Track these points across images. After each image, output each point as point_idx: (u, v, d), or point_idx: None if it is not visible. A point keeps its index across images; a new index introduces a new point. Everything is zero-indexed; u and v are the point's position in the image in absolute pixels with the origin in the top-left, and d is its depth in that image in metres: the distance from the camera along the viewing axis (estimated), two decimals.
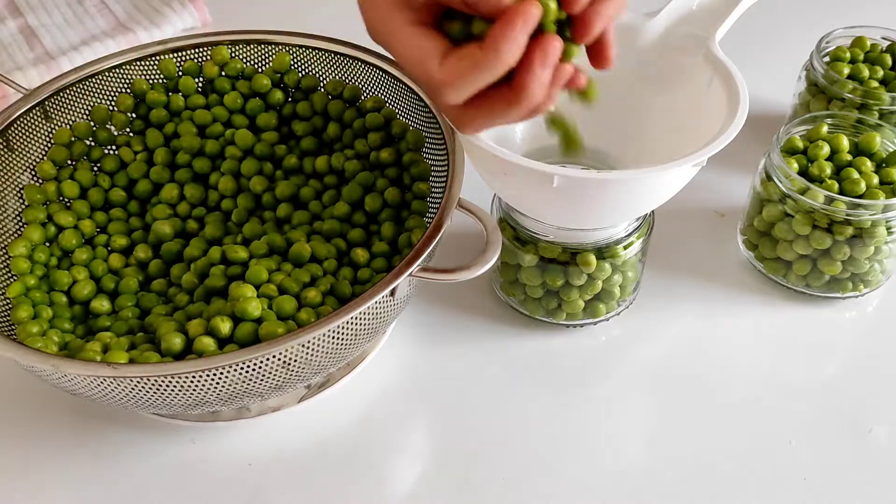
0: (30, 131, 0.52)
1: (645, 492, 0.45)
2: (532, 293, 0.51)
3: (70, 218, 0.51)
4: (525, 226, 0.49)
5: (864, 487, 0.45)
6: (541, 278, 0.50)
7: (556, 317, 0.52)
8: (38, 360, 0.38)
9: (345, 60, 0.55)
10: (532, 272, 0.50)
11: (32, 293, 0.48)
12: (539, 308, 0.52)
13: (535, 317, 0.53)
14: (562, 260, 0.48)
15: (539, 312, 0.52)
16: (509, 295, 0.53)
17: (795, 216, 0.51)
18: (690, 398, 0.49)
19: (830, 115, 0.55)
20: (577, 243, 0.48)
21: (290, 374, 0.41)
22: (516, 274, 0.51)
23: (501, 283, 0.53)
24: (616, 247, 0.49)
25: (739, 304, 0.54)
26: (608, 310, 0.52)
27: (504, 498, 0.45)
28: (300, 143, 0.56)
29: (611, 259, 0.49)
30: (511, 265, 0.51)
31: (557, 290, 0.50)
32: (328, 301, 0.45)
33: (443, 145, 0.49)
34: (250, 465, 0.46)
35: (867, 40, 0.61)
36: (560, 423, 0.48)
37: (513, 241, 0.50)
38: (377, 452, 0.47)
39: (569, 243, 0.48)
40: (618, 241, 0.48)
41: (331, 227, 0.50)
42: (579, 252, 0.48)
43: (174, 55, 0.55)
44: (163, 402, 0.40)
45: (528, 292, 0.51)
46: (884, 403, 0.49)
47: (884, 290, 0.55)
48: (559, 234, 0.48)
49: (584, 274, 0.49)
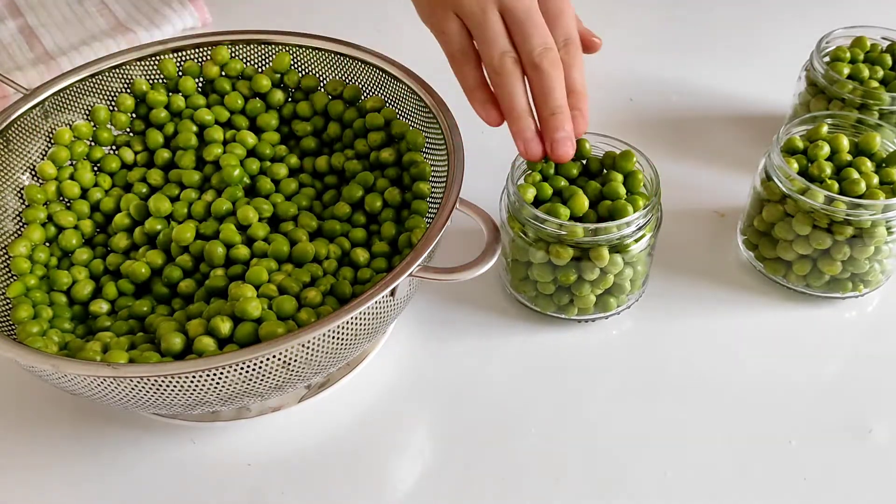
0: (30, 131, 0.52)
1: (645, 491, 0.45)
2: (544, 290, 0.51)
3: (70, 218, 0.51)
4: (537, 224, 0.48)
5: (864, 487, 0.45)
6: (552, 274, 0.50)
7: (567, 312, 0.52)
8: (38, 360, 0.38)
9: (345, 60, 0.55)
10: (544, 269, 0.50)
11: (32, 293, 0.48)
12: (550, 304, 0.52)
13: (546, 313, 0.52)
14: (574, 256, 0.49)
15: (550, 308, 0.52)
16: (520, 291, 0.53)
17: (795, 216, 0.51)
18: (690, 398, 0.49)
19: (830, 115, 0.55)
20: (589, 240, 0.48)
21: (290, 374, 0.41)
22: (527, 271, 0.51)
23: (511, 280, 0.53)
24: (627, 241, 0.48)
25: (739, 304, 0.54)
26: (619, 303, 0.52)
27: (504, 498, 0.45)
28: (300, 143, 0.56)
29: (623, 253, 0.49)
30: (521, 262, 0.51)
31: (570, 285, 0.50)
32: (328, 301, 0.45)
33: (443, 145, 0.49)
34: (250, 465, 0.46)
35: (867, 40, 0.61)
36: (560, 423, 0.48)
37: (522, 238, 0.50)
38: (377, 452, 0.47)
39: (582, 241, 0.48)
40: (629, 235, 0.48)
41: (331, 227, 0.50)
42: (592, 247, 0.48)
43: (174, 55, 0.55)
44: (163, 402, 0.40)
45: (539, 289, 0.51)
46: (884, 403, 0.49)
47: (884, 290, 0.55)
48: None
49: (597, 269, 0.49)
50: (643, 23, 0.80)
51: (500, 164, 0.62)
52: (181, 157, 0.53)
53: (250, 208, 0.50)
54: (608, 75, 0.72)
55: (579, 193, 0.49)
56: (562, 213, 0.48)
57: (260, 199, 0.51)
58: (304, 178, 0.54)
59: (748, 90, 0.71)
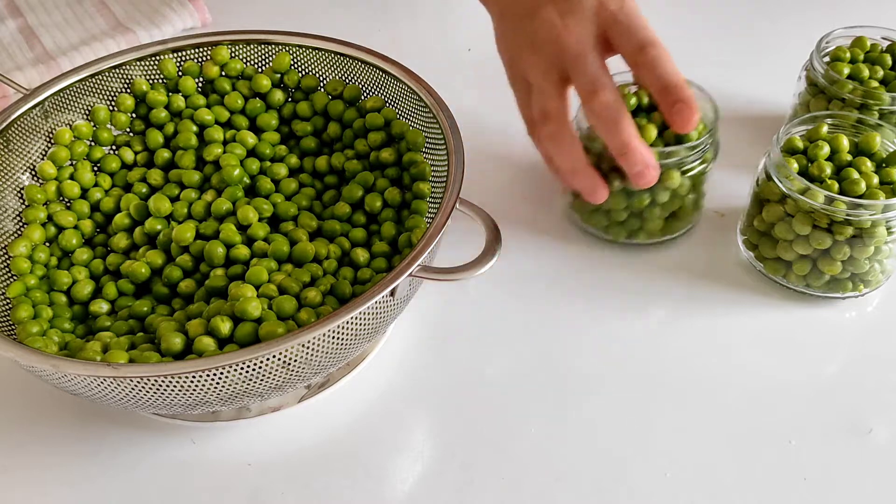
0: (29, 131, 0.52)
1: (645, 491, 0.45)
2: (617, 217, 0.56)
3: (70, 218, 0.51)
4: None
5: (864, 487, 0.45)
6: (626, 201, 0.54)
7: (637, 237, 0.57)
8: (38, 360, 0.38)
9: (345, 60, 0.55)
10: (618, 197, 0.54)
11: (32, 293, 0.48)
12: (622, 231, 0.56)
13: (618, 240, 0.57)
14: None
15: (622, 235, 0.57)
16: (591, 224, 0.57)
17: (795, 216, 0.51)
18: (690, 398, 0.49)
19: (830, 115, 0.55)
20: (662, 163, 0.52)
21: (290, 374, 0.41)
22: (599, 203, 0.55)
23: (582, 216, 0.57)
24: (694, 163, 0.53)
25: (739, 304, 0.54)
26: (684, 226, 0.57)
27: (504, 498, 0.45)
28: (300, 143, 0.56)
29: (689, 174, 0.53)
30: None
31: (642, 210, 0.55)
32: (328, 301, 0.45)
33: (443, 145, 0.49)
34: (250, 465, 0.46)
35: (867, 40, 0.61)
36: (560, 422, 0.48)
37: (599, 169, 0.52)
38: (377, 452, 0.47)
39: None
40: (694, 157, 0.53)
41: (331, 227, 0.50)
42: (664, 171, 0.52)
43: (174, 55, 0.55)
44: (163, 402, 0.40)
45: (612, 217, 0.56)
46: (884, 403, 0.49)
47: (884, 290, 0.55)
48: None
49: (668, 191, 0.53)
50: None
51: (500, 164, 0.62)
52: (181, 157, 0.54)
53: (250, 208, 0.50)
54: None
55: (649, 125, 0.53)
56: None
57: (260, 199, 0.51)
58: (304, 178, 0.54)
59: (748, 90, 0.71)
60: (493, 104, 0.63)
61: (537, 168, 0.63)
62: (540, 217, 0.60)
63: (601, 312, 0.54)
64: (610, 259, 0.57)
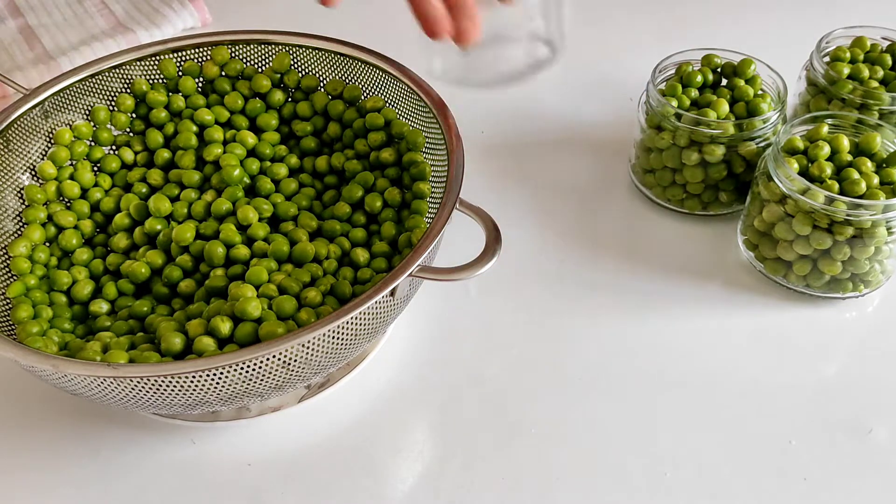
0: (30, 131, 0.52)
1: (645, 492, 0.45)
2: (693, 190, 0.58)
3: (70, 218, 0.51)
4: (692, 128, 0.55)
5: (864, 487, 0.45)
6: (704, 174, 0.56)
7: (713, 208, 0.59)
8: (38, 360, 0.38)
9: (345, 60, 0.55)
10: (695, 170, 0.56)
11: (32, 293, 0.48)
12: (698, 204, 0.59)
13: (694, 213, 0.59)
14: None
15: (698, 208, 0.59)
16: (668, 198, 0.59)
17: (796, 216, 0.51)
18: (690, 398, 0.49)
19: (831, 115, 0.55)
20: (738, 136, 0.55)
21: (290, 374, 0.41)
22: (673, 176, 0.58)
23: (656, 190, 0.60)
24: (767, 133, 0.56)
25: (739, 304, 0.54)
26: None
27: (504, 498, 0.45)
28: (300, 143, 0.56)
29: (764, 142, 0.56)
30: (670, 168, 0.58)
31: (717, 182, 0.57)
32: (328, 301, 0.45)
33: (443, 145, 0.49)
34: (250, 465, 0.46)
35: (867, 40, 0.61)
36: (560, 422, 0.48)
37: (675, 145, 0.56)
38: (377, 452, 0.47)
39: (734, 136, 0.55)
40: (767, 129, 0.55)
41: (331, 227, 0.50)
42: (739, 144, 0.55)
43: (174, 55, 0.55)
44: (163, 402, 0.40)
45: (689, 189, 0.58)
46: (884, 403, 0.49)
47: (884, 291, 0.55)
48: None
49: (745, 162, 0.56)
50: (642, 23, 0.80)
51: (500, 164, 0.62)
52: (181, 157, 0.54)
53: (250, 208, 0.50)
54: (607, 75, 0.72)
55: (720, 99, 0.56)
56: (713, 115, 0.55)
57: (260, 199, 0.51)
58: (304, 178, 0.54)
59: None
60: (493, 104, 0.63)
61: (537, 168, 0.63)
62: (540, 217, 0.60)
63: (601, 312, 0.54)
64: (610, 259, 0.57)
